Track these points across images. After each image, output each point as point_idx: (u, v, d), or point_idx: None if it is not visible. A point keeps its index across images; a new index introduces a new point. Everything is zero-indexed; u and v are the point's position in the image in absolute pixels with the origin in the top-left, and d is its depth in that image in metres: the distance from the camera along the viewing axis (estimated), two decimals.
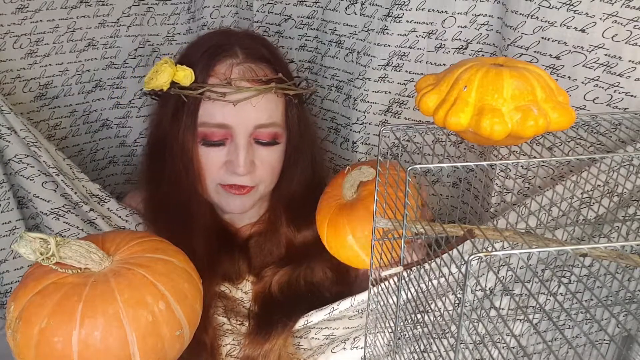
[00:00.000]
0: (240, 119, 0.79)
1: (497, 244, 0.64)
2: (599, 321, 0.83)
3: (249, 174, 0.81)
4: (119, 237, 0.66)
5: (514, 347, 0.77)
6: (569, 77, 0.77)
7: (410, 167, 0.53)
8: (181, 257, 0.66)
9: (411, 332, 0.65)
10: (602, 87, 0.75)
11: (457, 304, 0.72)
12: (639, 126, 0.67)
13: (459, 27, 0.87)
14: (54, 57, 1.02)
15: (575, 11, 0.74)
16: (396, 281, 0.66)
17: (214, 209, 0.89)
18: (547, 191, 0.74)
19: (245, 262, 0.88)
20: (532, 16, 0.78)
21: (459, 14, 0.86)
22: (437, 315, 0.66)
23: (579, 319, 0.85)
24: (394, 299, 0.65)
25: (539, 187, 0.81)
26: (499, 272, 0.75)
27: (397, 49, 0.92)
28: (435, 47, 0.90)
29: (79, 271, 0.60)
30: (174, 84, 0.79)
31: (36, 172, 0.81)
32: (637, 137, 0.70)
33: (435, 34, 0.89)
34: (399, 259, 0.61)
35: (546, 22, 0.77)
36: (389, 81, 0.95)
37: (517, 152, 0.71)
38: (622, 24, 0.72)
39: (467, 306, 0.48)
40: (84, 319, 0.55)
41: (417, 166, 0.53)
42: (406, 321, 0.66)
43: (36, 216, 0.84)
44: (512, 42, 0.80)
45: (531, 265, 0.78)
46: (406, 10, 0.88)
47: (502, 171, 0.84)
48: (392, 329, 0.66)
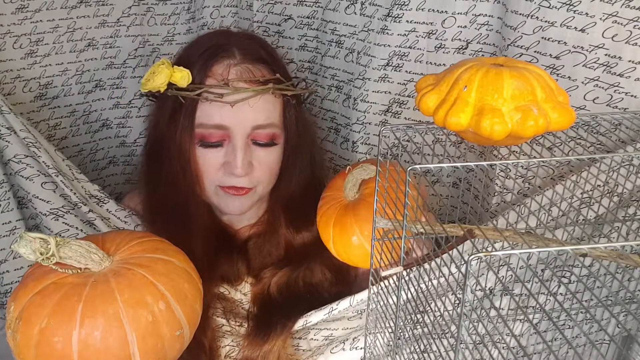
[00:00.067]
0: (237, 120, 0.78)
1: (497, 244, 0.64)
2: (599, 321, 0.83)
3: (247, 175, 0.80)
4: (119, 237, 0.66)
5: (514, 347, 0.77)
6: (569, 77, 0.77)
7: (410, 167, 0.53)
8: (181, 257, 0.66)
9: (411, 332, 0.65)
10: (602, 87, 0.75)
11: (457, 304, 0.72)
12: (639, 126, 0.67)
13: (459, 27, 0.87)
14: (54, 57, 1.01)
15: (575, 11, 0.74)
16: (396, 281, 0.66)
17: (213, 210, 0.88)
18: (547, 191, 0.74)
19: (244, 263, 0.88)
20: (532, 16, 0.78)
21: (459, 14, 0.86)
22: (437, 315, 0.66)
23: (579, 319, 0.85)
24: (394, 299, 0.65)
25: (539, 187, 0.81)
26: (499, 272, 0.75)
27: (397, 49, 0.92)
28: (435, 47, 0.90)
29: (79, 271, 0.59)
30: (171, 85, 0.79)
31: (35, 173, 0.81)
32: (637, 137, 0.70)
33: (435, 34, 0.89)
34: (399, 258, 0.61)
35: (546, 22, 0.77)
36: (389, 81, 0.95)
37: (517, 152, 0.71)
38: (622, 24, 0.72)
39: (467, 306, 0.48)
40: (84, 319, 0.55)
41: (417, 166, 0.53)
42: (406, 321, 0.66)
43: (36, 216, 0.84)
44: (512, 42, 0.80)
45: (531, 265, 0.78)
46: (406, 10, 0.88)
47: (502, 171, 0.84)
48: (392, 329, 0.66)
